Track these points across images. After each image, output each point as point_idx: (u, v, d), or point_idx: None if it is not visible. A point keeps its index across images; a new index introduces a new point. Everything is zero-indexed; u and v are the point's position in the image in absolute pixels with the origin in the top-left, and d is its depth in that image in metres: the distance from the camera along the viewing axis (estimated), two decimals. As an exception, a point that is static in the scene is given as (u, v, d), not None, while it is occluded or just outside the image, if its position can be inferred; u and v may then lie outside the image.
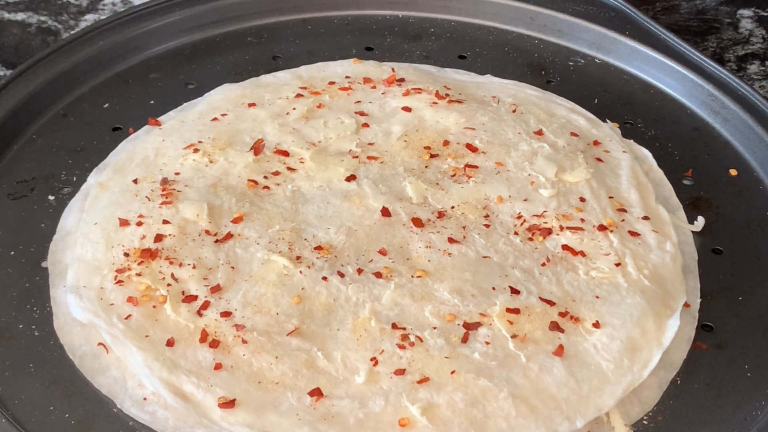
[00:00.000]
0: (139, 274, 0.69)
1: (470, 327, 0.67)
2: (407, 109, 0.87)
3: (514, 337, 0.67)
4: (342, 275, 0.70)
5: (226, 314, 0.67)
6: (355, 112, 0.86)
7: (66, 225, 0.77)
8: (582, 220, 0.76)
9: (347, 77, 0.91)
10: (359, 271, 0.71)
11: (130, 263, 0.70)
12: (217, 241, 0.73)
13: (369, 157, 0.81)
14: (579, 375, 0.65)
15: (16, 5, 1.10)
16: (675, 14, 1.16)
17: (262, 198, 0.77)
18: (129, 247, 0.72)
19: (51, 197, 0.80)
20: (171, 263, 0.70)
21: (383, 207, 0.75)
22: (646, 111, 0.94)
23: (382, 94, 0.89)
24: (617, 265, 0.73)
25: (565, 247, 0.74)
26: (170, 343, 0.65)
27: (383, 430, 0.61)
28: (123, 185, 0.78)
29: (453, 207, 0.77)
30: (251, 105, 0.86)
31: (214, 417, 0.62)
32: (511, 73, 0.96)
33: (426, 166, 0.80)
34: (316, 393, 0.63)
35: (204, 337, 0.66)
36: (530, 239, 0.74)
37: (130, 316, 0.67)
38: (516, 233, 0.74)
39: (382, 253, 0.72)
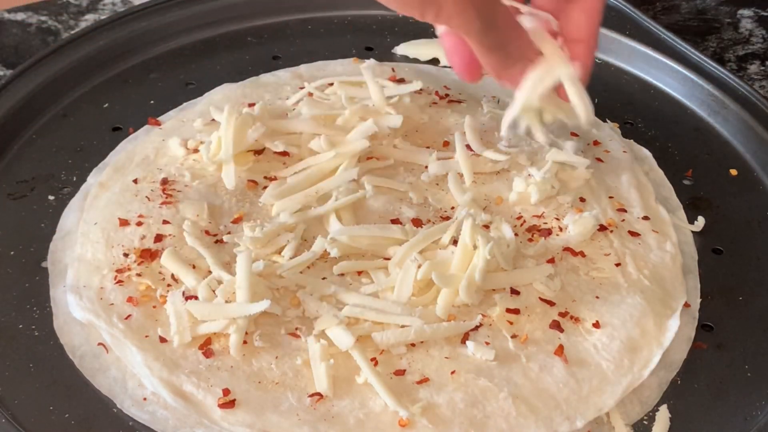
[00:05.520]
0: (139, 275, 0.69)
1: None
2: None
3: (514, 337, 0.67)
4: (342, 275, 0.70)
5: (226, 314, 0.67)
6: (355, 112, 0.86)
7: (66, 225, 0.77)
8: (582, 220, 0.76)
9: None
10: (359, 272, 0.71)
11: (130, 263, 0.70)
12: (217, 241, 0.72)
13: (369, 157, 0.81)
14: (579, 375, 0.65)
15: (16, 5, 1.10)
16: (675, 14, 1.16)
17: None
18: (129, 247, 0.72)
19: (51, 197, 0.80)
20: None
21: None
22: (646, 111, 0.94)
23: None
24: (617, 265, 0.73)
25: (565, 247, 0.74)
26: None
27: (383, 430, 0.61)
28: (123, 185, 0.78)
29: (453, 207, 0.77)
30: (251, 105, 0.86)
31: (214, 417, 0.62)
32: (511, 73, 0.96)
33: (426, 166, 0.80)
34: (317, 393, 0.63)
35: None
36: (530, 240, 0.74)
37: (130, 316, 0.67)
38: (516, 234, 0.74)
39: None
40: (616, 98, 0.95)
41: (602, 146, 0.85)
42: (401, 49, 0.99)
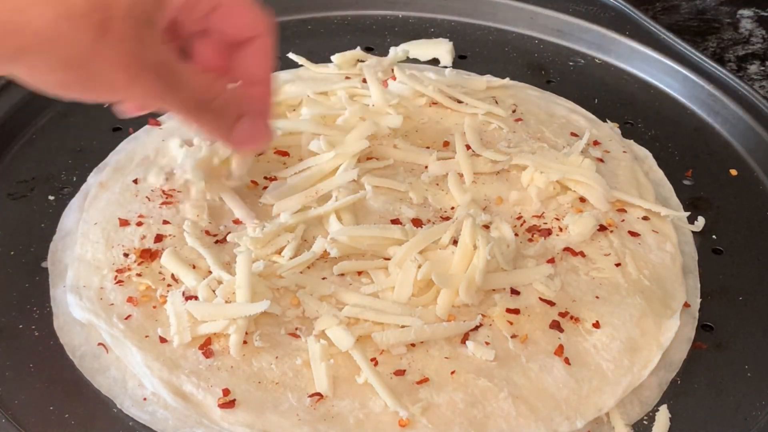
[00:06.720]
0: (139, 275, 0.69)
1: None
2: (407, 109, 0.86)
3: (514, 337, 0.67)
4: (342, 275, 0.70)
5: (226, 314, 0.67)
6: (355, 112, 0.86)
7: (66, 225, 0.77)
8: (582, 220, 0.76)
9: (347, 77, 0.91)
10: (359, 272, 0.71)
11: (130, 263, 0.70)
12: (217, 241, 0.72)
13: (369, 158, 0.81)
14: (579, 375, 0.65)
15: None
16: (675, 14, 1.16)
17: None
18: (129, 247, 0.72)
19: (51, 197, 0.80)
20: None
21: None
22: (646, 111, 0.94)
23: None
24: (617, 265, 0.73)
25: (565, 247, 0.74)
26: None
27: (383, 430, 0.61)
28: (123, 185, 0.78)
29: (453, 208, 0.77)
30: (251, 105, 0.85)
31: (214, 417, 0.62)
32: (511, 73, 0.96)
33: (426, 167, 0.80)
34: (317, 393, 0.63)
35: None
36: (530, 240, 0.74)
37: (130, 316, 0.67)
38: (516, 234, 0.74)
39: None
40: (616, 98, 0.95)
41: (602, 146, 0.85)
42: (401, 49, 0.99)
